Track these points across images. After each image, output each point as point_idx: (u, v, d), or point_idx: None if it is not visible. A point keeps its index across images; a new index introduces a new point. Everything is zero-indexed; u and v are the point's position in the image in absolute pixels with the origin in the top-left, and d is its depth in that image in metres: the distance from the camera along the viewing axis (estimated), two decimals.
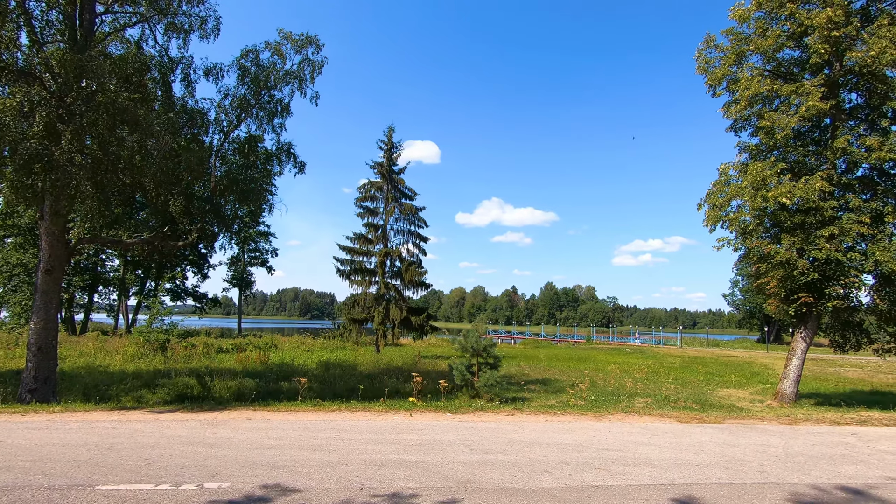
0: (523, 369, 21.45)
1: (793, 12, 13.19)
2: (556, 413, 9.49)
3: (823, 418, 10.11)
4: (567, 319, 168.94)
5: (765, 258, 13.70)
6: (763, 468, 5.97)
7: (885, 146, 12.17)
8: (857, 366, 32.36)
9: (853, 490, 5.33)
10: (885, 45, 11.71)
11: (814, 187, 12.40)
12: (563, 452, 6.34)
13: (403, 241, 30.25)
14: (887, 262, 11.73)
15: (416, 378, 10.62)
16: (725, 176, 14.96)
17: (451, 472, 5.30)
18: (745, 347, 57.07)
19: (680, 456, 6.41)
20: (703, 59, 15.47)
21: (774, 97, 14.02)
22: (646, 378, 20.00)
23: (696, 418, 9.43)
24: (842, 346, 15.09)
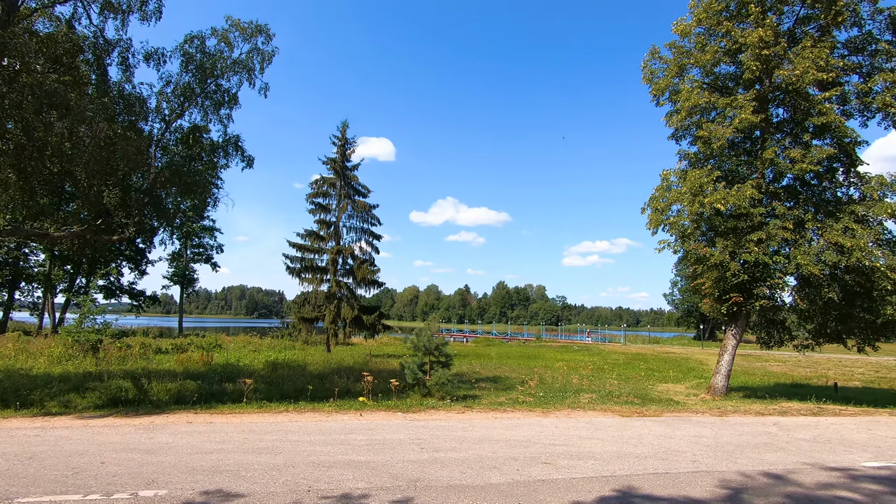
0: (475, 367, 21.70)
1: (729, 30, 14.06)
2: (506, 410, 9.68)
3: (750, 410, 10.87)
4: (518, 318, 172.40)
5: (701, 260, 14.54)
6: (695, 458, 6.35)
7: (807, 158, 13.20)
8: (780, 361, 34.98)
9: (774, 475, 5.76)
10: (808, 66, 12.71)
11: (745, 195, 13.26)
12: (511, 448, 6.48)
13: (356, 238, 29.84)
14: (807, 265, 12.73)
15: (366, 377, 10.51)
16: (667, 182, 15.75)
17: (401, 471, 5.30)
18: (682, 344, 60.34)
19: (621, 448, 6.71)
20: (649, 70, 16.22)
21: (712, 109, 14.89)
22: (591, 374, 20.74)
23: (637, 412, 9.89)
24: (767, 342, 16.28)
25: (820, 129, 13.84)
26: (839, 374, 26.68)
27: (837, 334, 14.88)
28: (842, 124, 13.51)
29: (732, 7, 14.44)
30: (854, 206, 13.37)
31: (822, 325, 14.96)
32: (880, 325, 13.78)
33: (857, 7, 13.58)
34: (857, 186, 14.07)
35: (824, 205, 14.24)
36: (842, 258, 12.67)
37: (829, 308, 14.03)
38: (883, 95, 13.01)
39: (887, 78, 13.07)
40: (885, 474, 6.01)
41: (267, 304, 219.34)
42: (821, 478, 5.72)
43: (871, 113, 13.74)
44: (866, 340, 14.48)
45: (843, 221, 12.97)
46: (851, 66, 13.94)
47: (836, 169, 14.49)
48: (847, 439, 8.01)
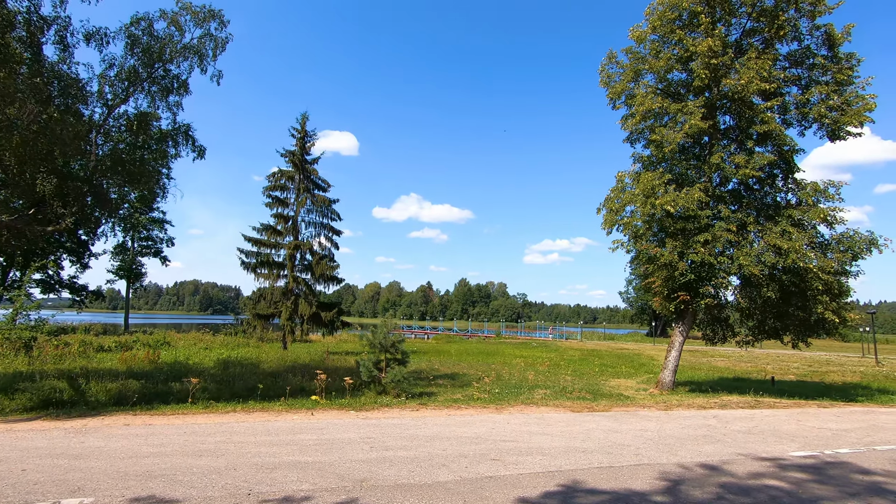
0: (433, 364, 21.72)
1: (681, 38, 14.57)
2: (460, 407, 9.72)
3: (693, 403, 11.35)
4: (479, 315, 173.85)
5: (652, 260, 15.05)
6: (639, 451, 6.56)
7: (750, 164, 13.87)
8: (724, 356, 36.78)
9: (710, 466, 6.03)
10: (752, 76, 13.34)
11: (693, 197, 13.80)
12: (461, 445, 6.50)
13: (315, 233, 29.27)
14: (748, 266, 13.40)
15: (320, 375, 10.31)
16: (621, 183, 16.20)
17: (348, 471, 5.21)
18: (636, 340, 62.52)
19: (569, 444, 6.85)
20: (606, 74, 16.62)
21: (664, 114, 15.39)
22: (547, 370, 21.16)
23: (588, 407, 10.14)
24: (711, 338, 17.05)
25: (762, 137, 14.57)
26: (777, 368, 28.30)
27: (775, 331, 15.74)
28: (782, 133, 14.28)
29: (685, 17, 14.98)
30: (791, 211, 14.16)
31: (761, 322, 15.78)
32: (812, 322, 14.66)
33: (798, 23, 14.36)
34: (795, 192, 14.91)
35: (765, 209, 15.02)
36: (779, 259, 13.40)
37: (768, 306, 14.83)
38: (818, 107, 13.81)
39: (823, 90, 13.89)
40: (809, 463, 6.40)
41: (222, 300, 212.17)
42: (752, 467, 6.02)
43: (808, 123, 14.56)
44: (800, 337, 15.38)
45: (781, 225, 13.71)
46: (791, 77, 14.74)
47: (776, 175, 15.29)
48: (778, 430, 8.49)
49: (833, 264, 13.57)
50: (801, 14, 14.10)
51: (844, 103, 13.65)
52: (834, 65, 14.03)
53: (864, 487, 5.41)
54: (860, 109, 13.46)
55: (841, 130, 13.89)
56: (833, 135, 14.13)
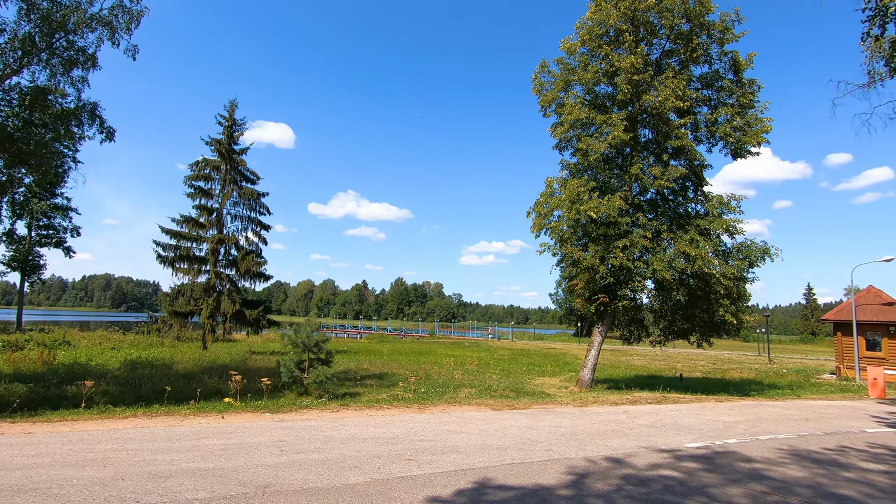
0: (363, 364, 21.38)
1: (607, 54, 15.33)
2: (383, 407, 9.60)
3: (607, 400, 11.96)
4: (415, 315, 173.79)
5: (576, 263, 15.70)
6: (551, 447, 6.79)
7: (665, 176, 14.85)
8: (642, 355, 39.23)
9: (615, 459, 6.35)
10: (669, 94, 14.30)
11: (614, 205, 14.56)
12: (377, 446, 6.40)
13: (242, 227, 27.87)
14: (661, 271, 14.34)
15: (235, 377, 9.78)
16: (550, 188, 16.79)
17: (251, 477, 4.95)
18: (563, 340, 65.16)
19: (485, 441, 6.96)
20: (538, 82, 17.16)
21: (591, 124, 16.12)
22: (476, 370, 21.49)
23: (509, 405, 10.38)
24: (628, 338, 18.07)
25: (677, 151, 15.66)
26: (686, 366, 30.58)
27: (683, 331, 16.96)
28: (693, 148, 15.43)
29: (611, 33, 15.78)
30: (699, 221, 15.33)
31: (671, 323, 16.96)
32: (715, 323, 15.95)
33: (709, 47, 15.58)
34: (703, 204, 16.17)
35: (677, 218, 16.16)
36: (688, 265, 14.46)
37: (678, 308, 15.96)
38: (724, 126, 15.07)
39: (728, 112, 15.17)
40: (702, 453, 6.92)
41: (138, 296, 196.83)
42: (652, 459, 6.41)
43: (715, 140, 15.84)
44: (704, 337, 16.69)
45: (690, 233, 14.81)
46: (703, 98, 15.97)
47: (687, 187, 16.50)
48: (679, 423, 9.14)
49: (733, 271, 14.85)
50: (712, 40, 15.32)
51: (746, 124, 14.99)
52: (738, 88, 15.37)
53: (746, 474, 5.93)
54: (759, 131, 14.83)
55: (742, 149, 15.24)
56: (735, 153, 15.46)
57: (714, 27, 15.15)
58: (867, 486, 5.69)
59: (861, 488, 5.60)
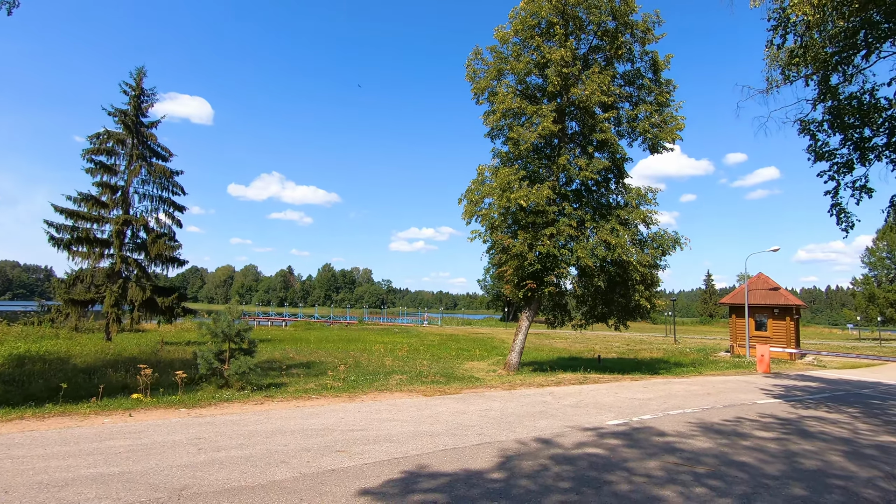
0: (289, 353, 20.60)
1: (539, 45, 15.62)
2: (311, 398, 9.27)
3: (534, 382, 12.41)
4: (343, 301, 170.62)
5: (505, 250, 16.05)
6: (482, 431, 6.89)
7: (590, 167, 15.51)
8: (563, 338, 41.29)
9: (543, 440, 6.57)
10: (595, 88, 14.87)
11: (543, 194, 14.99)
12: (306, 439, 6.14)
13: (152, 208, 25.64)
14: (584, 258, 15.03)
15: (144, 370, 8.97)
16: (482, 176, 16.95)
17: (164, 480, 4.53)
18: (490, 325, 66.99)
19: (418, 428, 6.92)
20: (472, 69, 17.15)
21: (522, 114, 16.41)
22: (406, 356, 21.48)
23: (440, 391, 10.44)
24: (553, 322, 18.87)
25: (601, 144, 16.40)
26: (603, 348, 32.62)
27: (603, 315, 17.99)
28: (616, 142, 16.23)
29: (543, 25, 16.08)
30: (620, 211, 16.22)
31: (592, 307, 17.92)
32: (631, 307, 17.05)
33: (632, 46, 16.37)
34: (623, 195, 17.11)
35: (600, 208, 16.98)
36: (609, 253, 15.28)
37: (598, 294, 16.87)
38: (644, 122, 15.97)
39: (647, 109, 16.08)
40: (622, 430, 7.36)
41: (26, 282, 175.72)
42: (577, 438, 6.72)
43: (635, 135, 16.76)
44: (621, 320, 17.80)
45: (611, 223, 15.62)
46: (625, 94, 16.80)
47: (610, 179, 17.37)
48: (600, 403, 9.68)
49: (648, 258, 15.92)
50: (635, 39, 16.10)
51: (663, 122, 15.99)
52: (657, 87, 16.32)
53: (660, 448, 6.38)
54: (673, 128, 15.89)
55: (659, 145, 16.26)
56: (653, 148, 16.47)
57: (637, 27, 15.92)
58: (761, 453, 6.34)
59: (756, 454, 6.23)
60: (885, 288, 60.53)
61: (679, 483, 4.98)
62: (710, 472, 5.38)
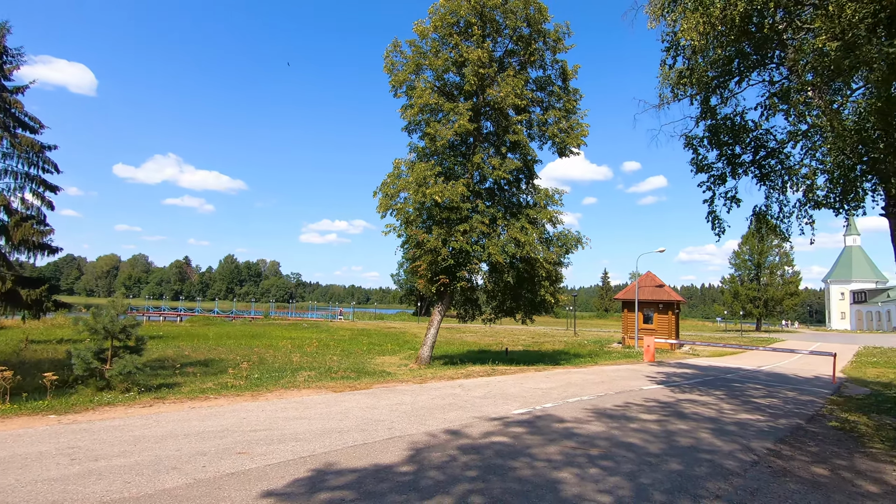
0: (184, 350, 19.05)
1: (457, 43, 15.84)
2: (209, 398, 8.64)
3: (444, 375, 12.64)
4: (248, 295, 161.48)
5: (420, 245, 16.13)
6: (392, 425, 6.88)
7: (503, 167, 16.05)
8: (473, 332, 42.50)
9: (453, 431, 6.71)
10: (509, 91, 15.40)
11: (458, 191, 15.25)
12: (202, 442, 5.72)
13: (16, 186, 22.29)
14: (495, 254, 15.55)
15: (2, 372, 7.78)
16: (398, 170, 16.85)
17: (27, 497, 3.97)
18: (403, 320, 67.09)
19: (326, 425, 6.74)
20: (390, 61, 16.95)
21: (439, 110, 16.54)
22: (315, 351, 20.83)
23: (350, 386, 10.25)
24: (464, 317, 19.31)
25: (513, 145, 17.03)
26: (511, 341, 34.08)
27: (511, 310, 18.75)
28: (527, 144, 16.95)
29: (462, 24, 16.32)
30: (529, 211, 16.99)
31: (501, 302, 18.61)
32: (537, 302, 17.98)
33: (544, 54, 17.17)
34: (533, 195, 17.94)
35: (511, 207, 17.65)
36: (518, 250, 15.95)
37: (507, 289, 17.56)
38: (553, 127, 16.84)
39: (556, 114, 16.99)
40: (526, 418, 7.75)
41: None
42: (485, 428, 6.95)
43: (545, 139, 17.62)
44: (528, 314, 18.70)
45: (521, 221, 16.32)
46: (537, 99, 17.58)
47: (521, 179, 18.11)
48: (506, 393, 10.10)
49: (554, 256, 16.86)
50: (547, 47, 16.91)
51: (570, 127, 16.98)
52: (565, 95, 17.30)
53: (560, 433, 6.80)
54: (579, 134, 16.94)
55: (566, 149, 17.25)
56: (561, 152, 17.44)
57: (549, 35, 16.72)
58: (645, 433, 7.01)
59: (642, 435, 6.87)
60: (747, 286, 69.85)
61: (576, 465, 5.35)
62: (603, 454, 5.85)
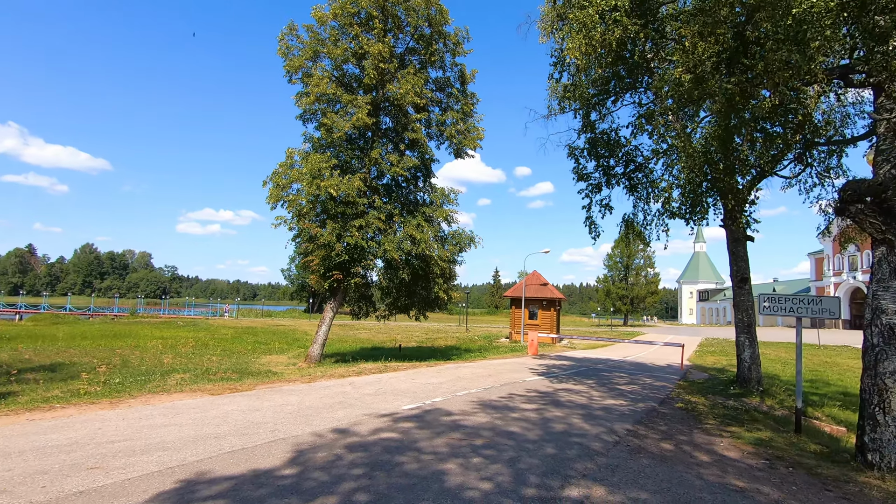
0: (24, 354, 16.35)
1: (358, 35, 15.53)
2: (54, 407, 7.49)
3: (335, 373, 12.33)
4: (111, 289, 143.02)
5: (313, 239, 15.56)
6: (276, 427, 6.56)
7: (401, 164, 16.08)
8: (367, 329, 42.04)
9: (341, 430, 6.57)
10: (409, 89, 15.46)
11: (354, 185, 14.98)
12: (43, 459, 4.94)
13: None
14: (391, 251, 15.54)
15: None
16: (291, 160, 16.09)
17: None
18: (293, 317, 64.19)
19: (200, 432, 6.22)
20: (285, 45, 16.11)
21: (337, 101, 16.10)
22: (192, 352, 19.12)
23: (231, 388, 9.56)
24: (357, 314, 19.03)
25: (412, 143, 17.14)
26: (405, 337, 34.28)
27: (405, 307, 18.87)
28: (425, 143, 17.17)
29: (363, 15, 16.02)
30: (426, 209, 17.22)
31: (396, 299, 18.65)
32: (431, 299, 18.32)
33: (444, 56, 17.51)
34: (430, 193, 18.21)
35: (408, 204, 17.76)
36: (414, 247, 16.10)
37: (402, 286, 17.63)
38: (451, 128, 17.25)
39: (454, 116, 17.43)
40: (415, 413, 7.85)
41: None
42: (374, 425, 6.91)
43: (443, 139, 17.98)
44: (422, 311, 18.98)
45: (418, 219, 16.49)
46: (436, 99, 17.88)
47: (418, 177, 18.29)
48: (397, 389, 10.15)
49: (448, 254, 17.28)
50: (447, 49, 17.27)
51: (466, 130, 17.52)
52: (463, 98, 17.81)
53: (447, 426, 7.00)
54: (475, 137, 17.56)
55: (463, 150, 17.78)
56: (457, 153, 17.93)
57: (449, 38, 17.09)
58: (525, 422, 7.49)
59: (522, 423, 7.34)
60: (617, 285, 77.91)
61: (460, 456, 5.55)
62: (486, 444, 6.14)
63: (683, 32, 6.45)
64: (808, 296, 8.13)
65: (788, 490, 5.16)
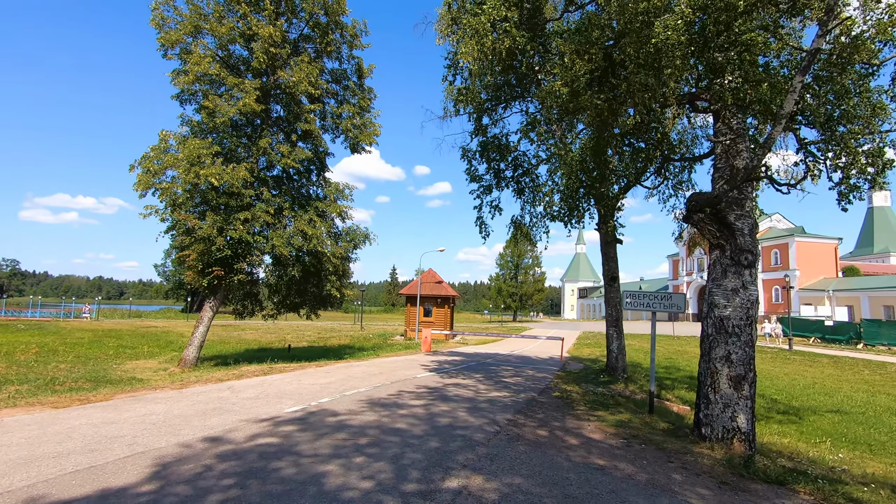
0: None
1: (246, 14, 14.52)
2: None
3: (212, 378, 11.38)
4: None
5: (190, 232, 14.25)
6: (135, 440, 5.87)
7: (293, 155, 15.35)
8: (254, 329, 39.52)
9: (213, 438, 6.07)
10: (303, 77, 14.82)
11: (239, 175, 13.98)
12: None
13: None
14: (280, 247, 14.77)
15: None
16: (165, 144, 14.59)
17: None
18: (168, 318, 58.23)
19: (36, 451, 5.35)
20: (160, 15, 14.55)
21: (221, 84, 14.93)
22: (35, 359, 16.47)
23: (81, 399, 8.37)
24: (241, 313, 17.82)
25: (305, 134, 16.45)
26: (295, 337, 32.80)
27: (295, 305, 18.08)
28: (319, 135, 16.58)
29: None
30: (319, 203, 16.64)
31: (285, 297, 17.78)
32: (324, 297, 17.74)
33: (341, 47, 17.06)
34: (323, 188, 17.64)
35: (300, 198, 17.02)
36: (305, 243, 15.47)
37: (292, 283, 16.86)
38: (347, 122, 16.87)
39: (351, 110, 17.06)
40: (298, 415, 7.53)
41: None
42: (251, 430, 6.49)
43: (338, 133, 17.53)
44: (313, 309, 18.31)
45: (310, 214, 15.87)
46: (332, 91, 17.35)
47: (311, 170, 17.63)
48: (282, 391, 9.66)
49: (342, 251, 16.88)
50: (344, 40, 16.84)
51: (363, 125, 17.25)
52: (360, 92, 17.50)
53: (332, 427, 6.81)
54: (371, 133, 17.35)
55: (359, 145, 17.47)
56: (353, 147, 17.58)
57: (346, 29, 16.67)
58: (413, 418, 7.56)
59: (409, 420, 7.39)
60: (508, 283, 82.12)
61: (343, 456, 5.43)
62: (371, 442, 6.08)
63: (563, 49, 6.97)
64: (661, 293, 9.26)
65: (640, 464, 5.82)
